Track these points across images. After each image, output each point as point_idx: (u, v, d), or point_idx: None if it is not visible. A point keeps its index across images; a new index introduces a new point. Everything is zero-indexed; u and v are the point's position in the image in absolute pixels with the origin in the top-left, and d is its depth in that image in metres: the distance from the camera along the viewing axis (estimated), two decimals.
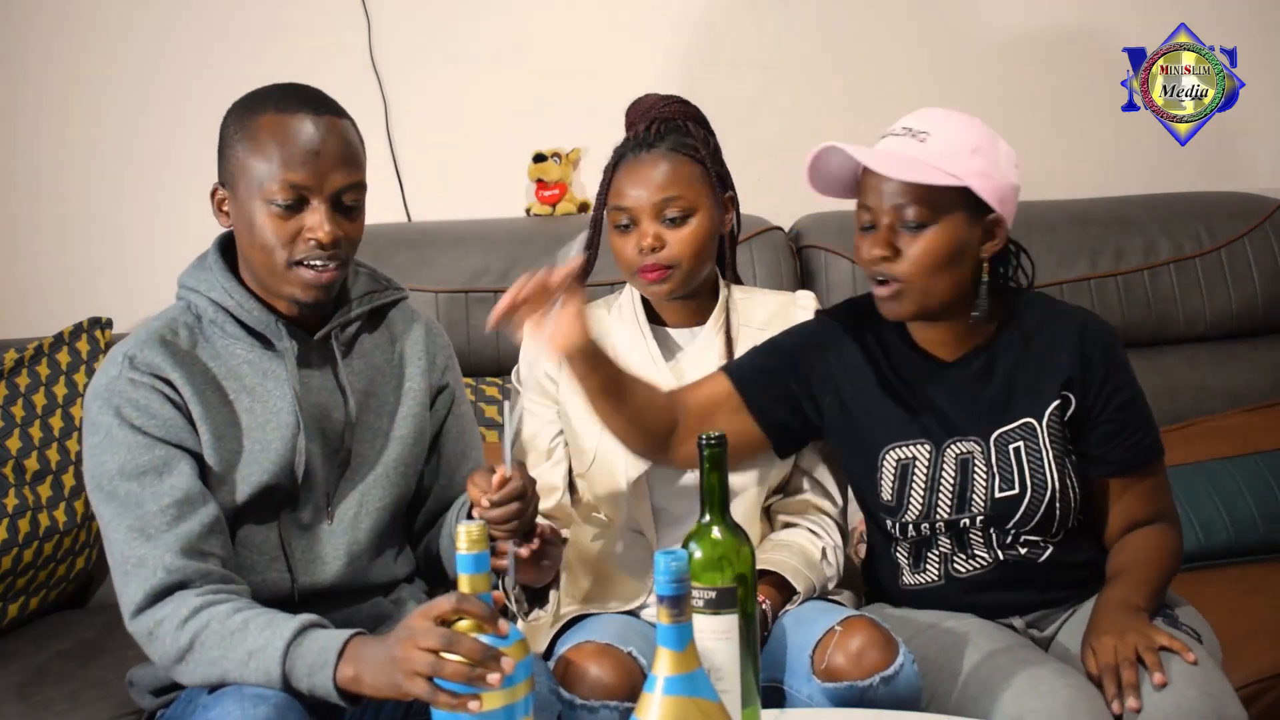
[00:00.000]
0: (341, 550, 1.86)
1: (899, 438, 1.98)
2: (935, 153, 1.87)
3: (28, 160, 2.89)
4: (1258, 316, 2.80)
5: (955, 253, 1.89)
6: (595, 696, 1.83)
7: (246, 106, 1.83)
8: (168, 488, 1.73)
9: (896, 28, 3.01)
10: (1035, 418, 1.95)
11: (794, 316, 2.14)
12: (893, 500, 1.98)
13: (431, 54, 2.93)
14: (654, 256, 2.05)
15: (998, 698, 1.80)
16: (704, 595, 1.56)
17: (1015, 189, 1.93)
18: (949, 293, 1.91)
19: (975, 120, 1.92)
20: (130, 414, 1.75)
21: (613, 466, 2.07)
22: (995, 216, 1.90)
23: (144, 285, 2.80)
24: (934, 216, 1.87)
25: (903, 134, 1.90)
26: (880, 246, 1.89)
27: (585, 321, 1.82)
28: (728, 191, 2.12)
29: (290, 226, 1.77)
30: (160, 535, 1.71)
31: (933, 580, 2.02)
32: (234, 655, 1.64)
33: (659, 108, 2.12)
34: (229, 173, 1.81)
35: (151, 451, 1.74)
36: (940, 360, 1.99)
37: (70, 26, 2.87)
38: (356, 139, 1.84)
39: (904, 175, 1.86)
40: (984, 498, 1.95)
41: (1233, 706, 1.78)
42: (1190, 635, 1.91)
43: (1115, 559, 1.98)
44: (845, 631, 1.85)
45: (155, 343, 1.79)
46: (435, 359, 1.99)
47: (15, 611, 2.36)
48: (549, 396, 2.13)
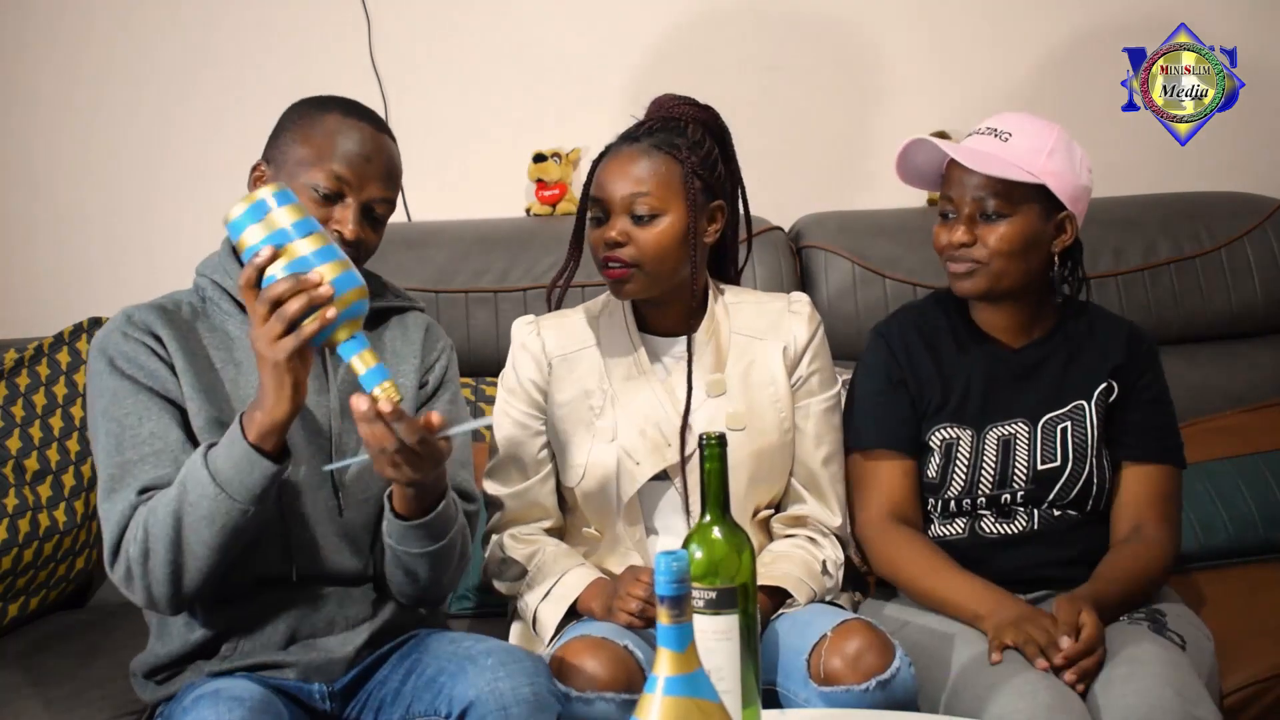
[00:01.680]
0: (328, 536, 1.88)
1: (948, 419, 2.10)
2: (1016, 152, 2.05)
3: (27, 160, 2.89)
4: (1258, 316, 2.80)
5: (1028, 243, 2.06)
6: (591, 689, 1.84)
7: (315, 103, 1.93)
8: (147, 434, 1.82)
9: (897, 28, 3.00)
10: (1085, 399, 2.11)
11: (788, 323, 2.11)
12: (936, 478, 2.11)
13: (431, 54, 2.93)
14: (616, 251, 2.01)
15: (983, 698, 1.83)
16: (704, 596, 1.56)
17: (1087, 190, 2.11)
18: (1019, 279, 2.08)
19: (1055, 124, 2.09)
20: (121, 364, 1.85)
21: (604, 482, 2.05)
22: (1067, 214, 2.08)
23: (144, 286, 2.79)
24: (1011, 209, 2.05)
25: (987, 133, 2.09)
26: (961, 234, 2.07)
27: None
28: (716, 200, 2.07)
29: (320, 214, 1.84)
30: (128, 486, 1.80)
31: (958, 534, 2.11)
32: (177, 508, 1.73)
33: (669, 106, 2.10)
34: (278, 151, 1.90)
35: (135, 397, 1.83)
36: (1006, 346, 2.14)
37: (68, 27, 2.87)
38: (399, 163, 1.95)
39: (987, 169, 2.03)
40: (1025, 473, 2.08)
41: (1204, 708, 1.81)
42: (1175, 640, 1.95)
43: (1100, 564, 2.05)
44: (841, 635, 1.85)
45: (155, 308, 1.91)
46: (428, 355, 2.01)
47: (15, 611, 2.36)
48: (536, 406, 2.11)
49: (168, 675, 1.88)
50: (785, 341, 2.10)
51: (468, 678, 1.75)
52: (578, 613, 2.02)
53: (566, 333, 2.12)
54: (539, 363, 2.10)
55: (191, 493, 1.73)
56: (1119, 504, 2.11)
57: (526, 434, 2.10)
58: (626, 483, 2.04)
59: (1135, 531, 2.08)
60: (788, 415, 2.09)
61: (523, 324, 2.14)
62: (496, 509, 2.12)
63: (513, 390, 2.12)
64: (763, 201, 2.49)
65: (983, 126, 2.10)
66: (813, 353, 2.12)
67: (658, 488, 2.06)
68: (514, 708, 1.72)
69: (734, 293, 2.16)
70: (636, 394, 2.06)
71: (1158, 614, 2.02)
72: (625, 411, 2.05)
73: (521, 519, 2.10)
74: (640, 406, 2.05)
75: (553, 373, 2.10)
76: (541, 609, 2.01)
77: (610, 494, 2.05)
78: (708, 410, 2.05)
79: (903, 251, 2.73)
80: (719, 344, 2.09)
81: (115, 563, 1.80)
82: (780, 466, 2.09)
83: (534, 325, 2.13)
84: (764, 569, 1.99)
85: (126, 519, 1.79)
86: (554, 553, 2.06)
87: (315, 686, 1.86)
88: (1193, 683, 1.85)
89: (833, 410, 2.14)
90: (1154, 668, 1.84)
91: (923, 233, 2.76)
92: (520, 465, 2.10)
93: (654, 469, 2.04)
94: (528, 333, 2.13)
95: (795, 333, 2.11)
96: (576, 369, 2.10)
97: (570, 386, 2.09)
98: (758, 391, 2.08)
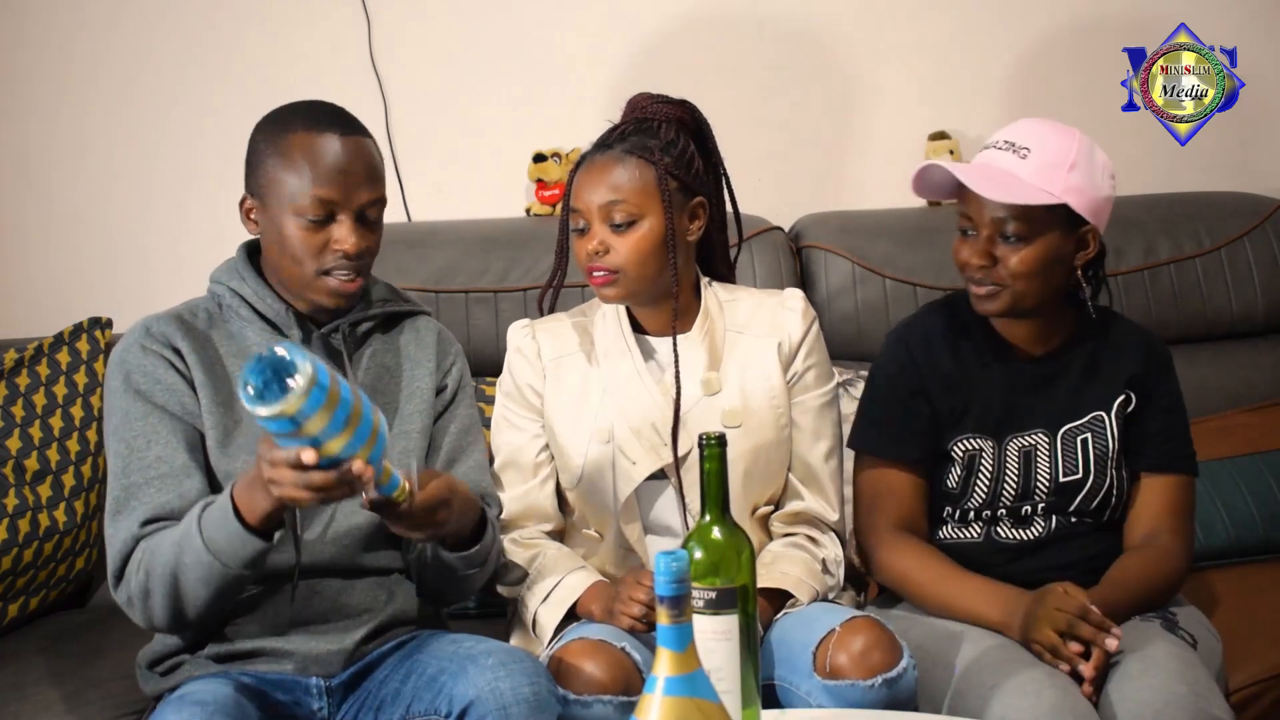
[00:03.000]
0: (339, 532, 1.90)
1: (969, 430, 2.06)
2: (1035, 170, 1.97)
3: (27, 160, 2.89)
4: (1258, 316, 2.80)
5: (1050, 263, 2.00)
6: (589, 691, 1.83)
7: (277, 123, 1.92)
8: (153, 457, 1.85)
9: (896, 29, 3.00)
10: (1105, 410, 2.07)
11: (782, 319, 2.11)
12: (957, 489, 2.08)
13: (431, 54, 2.92)
14: (599, 260, 2.02)
15: (987, 697, 1.82)
16: (704, 596, 1.56)
17: (1109, 200, 2.05)
18: (1042, 296, 2.02)
19: (1074, 132, 2.02)
20: (136, 379, 1.88)
21: (602, 483, 2.05)
22: (1090, 228, 2.02)
23: (144, 285, 2.82)
24: (1032, 232, 1.98)
25: (1005, 148, 2.00)
26: (979, 256, 2.00)
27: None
28: (695, 197, 2.06)
29: (319, 239, 1.87)
30: (132, 510, 1.83)
31: (973, 538, 2.09)
32: (174, 563, 1.77)
33: (643, 107, 2.09)
34: (260, 185, 1.90)
35: (146, 419, 1.86)
36: (1024, 355, 2.09)
37: (67, 25, 2.87)
38: (379, 157, 1.94)
39: (1004, 197, 1.96)
40: (1047, 485, 2.05)
41: (1218, 706, 1.81)
42: (1186, 640, 1.95)
43: (1110, 570, 2.03)
44: (850, 631, 1.85)
45: (172, 318, 1.93)
46: (444, 361, 2.04)
47: (15, 611, 2.36)
48: (533, 410, 2.11)
49: (170, 666, 1.90)
50: (780, 338, 2.10)
51: (468, 678, 1.75)
52: (577, 615, 2.02)
53: (561, 336, 2.13)
54: (535, 367, 2.11)
55: (187, 554, 1.76)
56: (1134, 514, 2.08)
57: (525, 438, 2.10)
58: (623, 483, 2.04)
59: (1148, 540, 2.06)
60: (784, 412, 2.09)
61: (518, 328, 2.15)
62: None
63: (510, 395, 2.12)
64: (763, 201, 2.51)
65: (999, 140, 2.02)
66: (808, 348, 2.11)
67: (655, 487, 2.06)
68: (514, 708, 1.72)
69: (727, 290, 2.16)
70: (631, 394, 2.06)
71: (1169, 614, 2.02)
72: (620, 412, 2.05)
73: (523, 522, 2.10)
74: (635, 407, 2.05)
75: (549, 376, 2.10)
76: (541, 611, 2.01)
77: (608, 494, 2.05)
78: (703, 408, 2.05)
79: (902, 251, 2.73)
80: (713, 342, 2.09)
81: (118, 588, 1.84)
82: (777, 463, 2.09)
83: (529, 329, 2.14)
84: (764, 569, 1.99)
85: (129, 549, 1.82)
86: (554, 555, 2.06)
87: (313, 680, 1.87)
88: (1206, 680, 1.84)
89: (829, 405, 2.14)
90: (1168, 664, 1.83)
91: (922, 232, 2.78)
92: (520, 469, 2.10)
93: (650, 468, 2.04)
94: (523, 337, 2.13)
95: (790, 329, 2.11)
96: (572, 372, 2.10)
97: (566, 389, 2.09)
98: (753, 388, 2.08)
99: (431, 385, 2.01)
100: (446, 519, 1.79)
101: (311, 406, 1.52)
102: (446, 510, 1.78)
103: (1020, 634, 1.91)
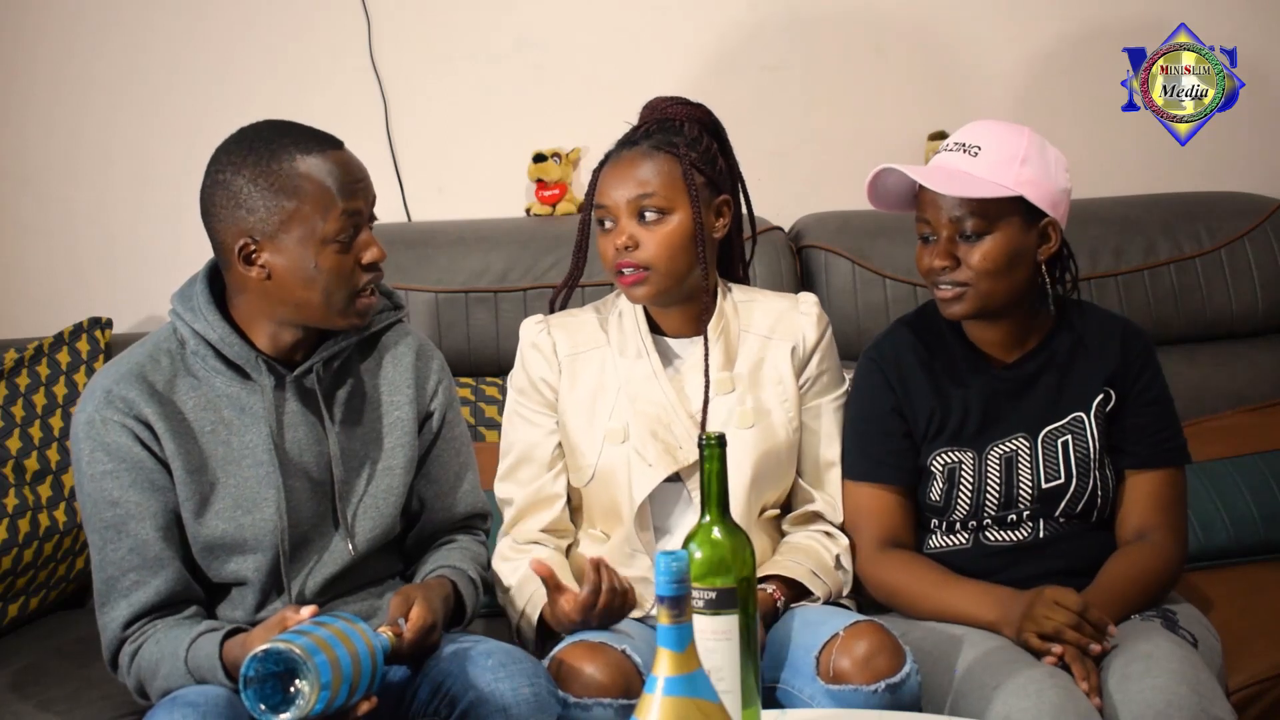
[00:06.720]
0: (338, 571, 1.91)
1: (948, 443, 2.06)
2: (987, 166, 1.98)
3: (27, 160, 2.89)
4: (1258, 316, 2.80)
5: (1013, 258, 1.99)
6: (589, 694, 1.83)
7: (262, 158, 1.81)
8: (126, 549, 1.83)
9: (897, 29, 3.00)
10: (1084, 411, 2.06)
11: (797, 323, 2.12)
12: (940, 501, 2.07)
13: (431, 54, 2.92)
14: (629, 256, 2.01)
15: (989, 697, 1.82)
16: (704, 596, 1.56)
17: (1066, 192, 2.04)
18: (1008, 294, 2.01)
19: (1024, 129, 2.02)
20: (101, 460, 1.82)
21: (614, 484, 2.05)
22: (1049, 220, 2.01)
23: (144, 285, 2.82)
24: (990, 226, 1.98)
25: (955, 149, 2.01)
26: (941, 258, 2.00)
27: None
28: (720, 195, 2.08)
29: (350, 259, 1.83)
30: (115, 605, 1.84)
31: (962, 545, 2.08)
32: (163, 686, 1.80)
33: (663, 107, 2.10)
34: (267, 226, 1.80)
35: (113, 509, 1.83)
36: (998, 362, 2.08)
37: (66, 26, 2.87)
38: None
39: (958, 191, 1.97)
40: (1030, 492, 2.04)
41: (1220, 707, 1.81)
42: (1187, 639, 1.94)
43: (1103, 569, 2.03)
44: (854, 635, 1.85)
45: (134, 378, 1.84)
46: (425, 384, 2.00)
47: (15, 611, 2.36)
48: (548, 405, 2.10)
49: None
50: (794, 341, 2.11)
51: (468, 678, 1.75)
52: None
53: (576, 333, 2.12)
54: (550, 362, 2.10)
55: (174, 679, 1.79)
56: (1124, 512, 2.08)
57: (540, 433, 2.10)
58: (639, 485, 2.03)
59: (1140, 538, 2.05)
60: (795, 415, 2.09)
61: (532, 323, 2.14)
62: (508, 507, 2.12)
63: (523, 390, 2.12)
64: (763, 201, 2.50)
65: (950, 142, 2.04)
66: (822, 353, 2.12)
67: (669, 489, 2.06)
68: (514, 708, 1.72)
69: (742, 291, 2.16)
70: (648, 396, 2.06)
71: (1169, 613, 2.01)
72: (637, 413, 2.05)
73: (532, 511, 2.09)
74: (652, 408, 2.05)
75: (564, 371, 2.10)
76: (522, 625, 2.03)
77: (621, 496, 2.05)
78: (717, 408, 2.05)
79: (903, 251, 2.72)
80: (728, 342, 2.09)
81: (114, 672, 1.89)
82: (786, 465, 2.10)
83: (544, 324, 2.13)
84: (781, 559, 2.01)
85: (118, 644, 1.85)
86: (526, 575, 2.04)
87: None
88: (1207, 680, 1.84)
89: (841, 409, 2.15)
90: (1169, 664, 1.83)
91: None
92: (533, 463, 2.09)
93: (667, 471, 2.03)
94: (538, 331, 2.12)
95: (805, 333, 2.11)
96: (586, 369, 2.10)
97: (580, 387, 2.09)
98: (766, 390, 2.08)
99: (413, 415, 1.97)
100: (438, 638, 1.81)
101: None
102: (436, 630, 1.80)
103: (1014, 633, 1.92)
